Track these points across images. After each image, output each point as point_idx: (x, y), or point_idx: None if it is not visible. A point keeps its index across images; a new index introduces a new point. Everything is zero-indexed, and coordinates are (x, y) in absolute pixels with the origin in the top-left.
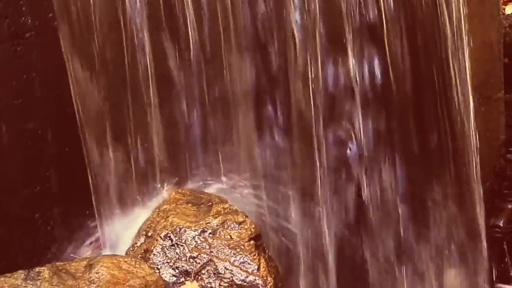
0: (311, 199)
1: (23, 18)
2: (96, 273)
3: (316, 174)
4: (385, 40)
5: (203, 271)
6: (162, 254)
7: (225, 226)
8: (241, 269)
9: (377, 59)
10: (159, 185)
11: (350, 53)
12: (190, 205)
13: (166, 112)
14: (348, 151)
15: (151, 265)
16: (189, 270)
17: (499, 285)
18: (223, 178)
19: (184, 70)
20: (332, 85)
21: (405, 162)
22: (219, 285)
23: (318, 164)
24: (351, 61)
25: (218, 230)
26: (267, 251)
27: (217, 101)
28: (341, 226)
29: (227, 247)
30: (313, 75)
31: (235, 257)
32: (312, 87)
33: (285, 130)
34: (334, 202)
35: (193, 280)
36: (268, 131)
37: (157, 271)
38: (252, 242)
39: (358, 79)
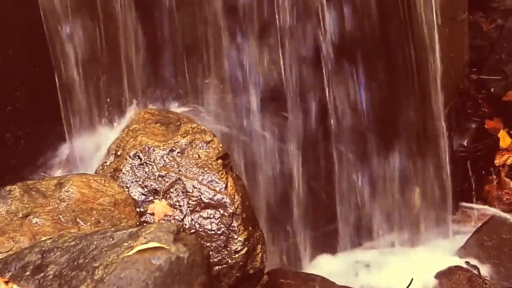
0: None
1: None
2: (66, 191)
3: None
4: None
5: (171, 190)
6: (131, 173)
7: (193, 145)
8: (209, 187)
9: None
10: (128, 105)
11: None
12: (159, 124)
13: (136, 26)
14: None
15: (120, 183)
16: (157, 188)
17: (463, 203)
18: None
19: None
20: None
21: (369, 82)
22: (187, 203)
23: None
24: None
25: (186, 149)
26: (234, 170)
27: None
28: (306, 132)
29: (195, 166)
30: None
31: (203, 176)
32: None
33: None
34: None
35: (161, 198)
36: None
37: (126, 189)
38: (219, 161)
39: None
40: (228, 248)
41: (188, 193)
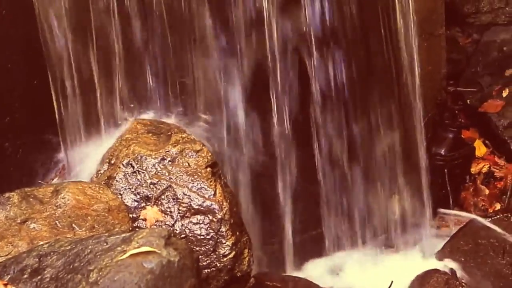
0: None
1: None
2: (62, 198)
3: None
4: None
5: (162, 197)
6: (124, 180)
7: (184, 154)
8: (198, 194)
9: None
10: (122, 115)
11: None
12: (150, 134)
13: (128, 42)
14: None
15: (114, 191)
16: (149, 195)
17: (440, 209)
18: None
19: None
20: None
21: (349, 94)
22: (178, 209)
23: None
24: None
25: (177, 158)
26: (223, 178)
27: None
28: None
29: (185, 174)
30: None
31: (193, 183)
32: None
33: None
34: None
35: (153, 205)
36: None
37: (120, 196)
38: (208, 169)
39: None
40: (217, 252)
41: (179, 200)
